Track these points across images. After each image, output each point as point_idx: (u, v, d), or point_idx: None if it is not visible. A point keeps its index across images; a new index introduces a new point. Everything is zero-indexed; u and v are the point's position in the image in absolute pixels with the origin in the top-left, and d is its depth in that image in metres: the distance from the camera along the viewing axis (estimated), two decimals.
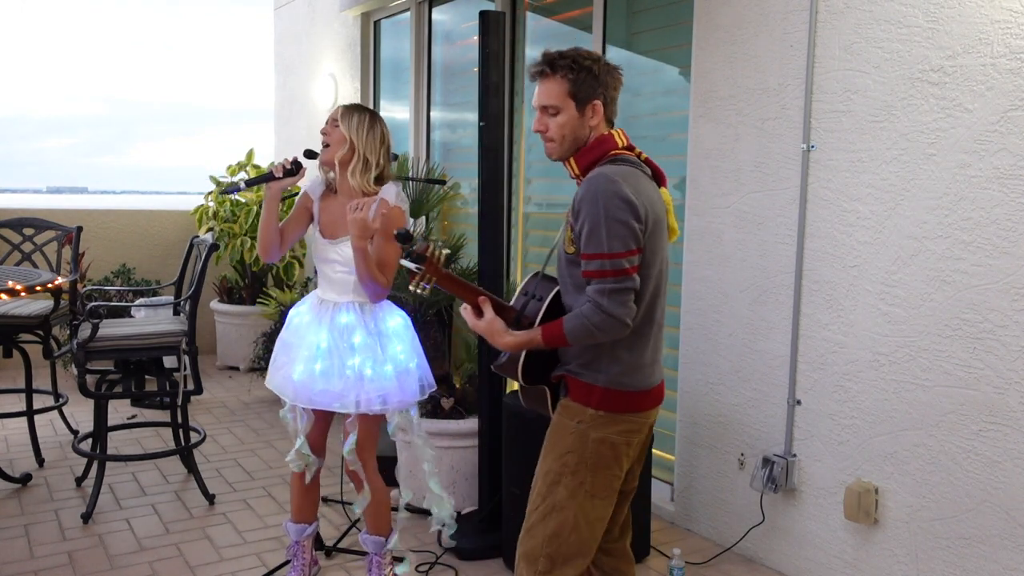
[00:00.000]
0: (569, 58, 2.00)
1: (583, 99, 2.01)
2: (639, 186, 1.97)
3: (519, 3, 4.47)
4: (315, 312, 2.76)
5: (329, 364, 2.66)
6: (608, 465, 2.04)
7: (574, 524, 2.03)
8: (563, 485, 2.02)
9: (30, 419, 4.18)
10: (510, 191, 4.42)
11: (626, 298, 1.91)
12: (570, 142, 2.05)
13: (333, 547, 3.23)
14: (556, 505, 2.03)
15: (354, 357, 2.66)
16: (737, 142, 3.23)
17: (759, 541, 3.23)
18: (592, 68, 2.01)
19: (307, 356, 2.68)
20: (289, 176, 2.73)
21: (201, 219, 6.16)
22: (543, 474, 2.07)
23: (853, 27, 2.81)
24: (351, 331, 2.70)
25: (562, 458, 2.03)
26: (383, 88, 5.83)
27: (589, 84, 2.01)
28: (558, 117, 2.03)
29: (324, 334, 2.69)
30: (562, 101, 2.01)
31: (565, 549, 2.03)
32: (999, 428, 2.49)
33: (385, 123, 2.78)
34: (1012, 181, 2.43)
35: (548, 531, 2.04)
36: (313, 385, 2.66)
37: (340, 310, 2.72)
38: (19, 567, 3.07)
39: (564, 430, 2.04)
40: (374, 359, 2.68)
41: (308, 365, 2.67)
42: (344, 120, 2.69)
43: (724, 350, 3.33)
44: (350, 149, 2.68)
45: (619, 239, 1.89)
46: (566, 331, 1.93)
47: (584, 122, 2.03)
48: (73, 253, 4.40)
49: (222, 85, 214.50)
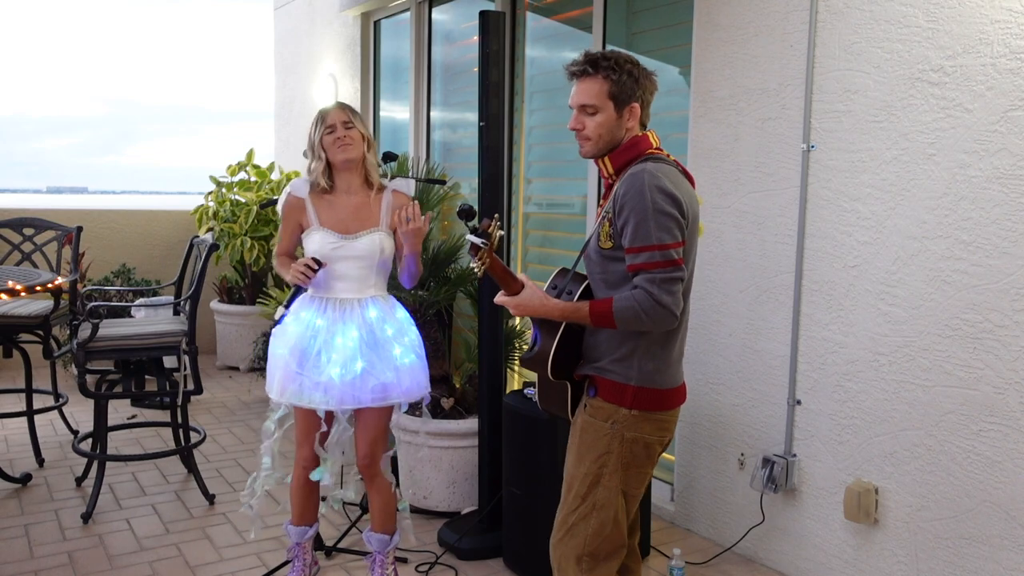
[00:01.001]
0: (612, 60, 2.03)
1: (622, 101, 2.04)
2: (679, 183, 2.01)
3: (519, 3, 4.47)
4: (335, 313, 2.69)
5: (373, 357, 2.65)
6: (642, 464, 2.09)
7: (614, 521, 2.08)
8: (602, 485, 2.06)
9: (30, 419, 4.18)
10: (510, 191, 4.41)
11: (675, 288, 1.93)
12: (605, 142, 2.07)
13: (333, 547, 3.23)
14: (597, 504, 2.07)
15: (395, 347, 2.71)
16: (737, 142, 3.23)
17: (759, 541, 3.23)
18: (632, 71, 2.04)
19: (339, 359, 2.63)
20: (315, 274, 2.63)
21: (201, 219, 6.16)
22: (580, 477, 2.09)
23: (853, 27, 2.81)
24: (382, 323, 2.72)
25: (600, 459, 2.06)
26: (383, 88, 5.83)
27: (629, 87, 2.03)
28: (596, 116, 2.04)
29: (353, 332, 2.66)
30: (601, 101, 2.03)
31: (607, 546, 2.09)
32: (999, 428, 2.49)
33: None
34: (1012, 181, 2.43)
35: (590, 530, 2.07)
36: (364, 383, 2.63)
37: (366, 305, 2.72)
38: (19, 567, 3.07)
39: (598, 432, 2.06)
40: (403, 348, 2.73)
41: (348, 367, 2.62)
42: (356, 119, 2.74)
43: (724, 350, 3.33)
44: (369, 146, 2.76)
45: (667, 231, 1.92)
46: (615, 310, 1.93)
47: (621, 124, 2.05)
48: (73, 253, 4.40)
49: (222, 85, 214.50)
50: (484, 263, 1.94)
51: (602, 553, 2.09)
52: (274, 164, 6.41)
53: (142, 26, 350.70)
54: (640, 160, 2.03)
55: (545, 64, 4.42)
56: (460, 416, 3.65)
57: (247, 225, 5.97)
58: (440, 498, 3.59)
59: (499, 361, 3.34)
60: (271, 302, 5.39)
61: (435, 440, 3.55)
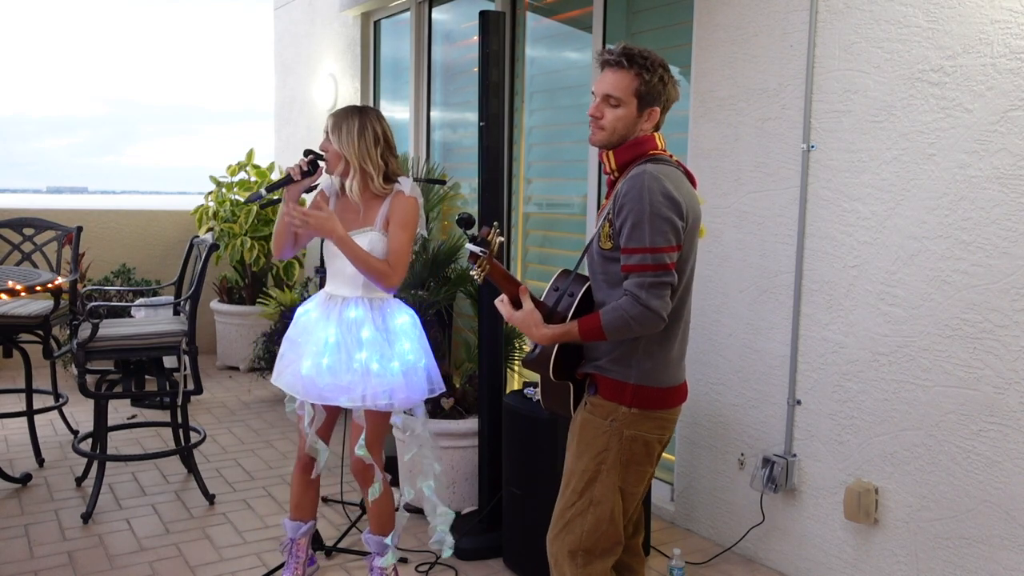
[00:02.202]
0: (648, 60, 2.03)
1: (647, 102, 2.04)
2: (680, 185, 2.01)
3: (519, 3, 4.47)
4: (323, 308, 2.75)
5: (337, 358, 2.64)
6: (640, 462, 2.10)
7: (610, 518, 2.09)
8: (600, 482, 2.08)
9: (30, 419, 4.18)
10: (510, 191, 4.41)
11: (664, 292, 1.94)
12: (619, 136, 2.06)
13: (333, 547, 3.23)
14: (594, 500, 2.08)
15: (361, 351, 2.65)
16: (737, 142, 3.23)
17: (759, 541, 3.23)
18: (663, 77, 2.05)
19: (315, 351, 2.67)
20: (307, 176, 2.68)
21: (201, 219, 6.16)
22: (579, 472, 2.10)
23: (853, 27, 2.81)
24: (359, 325, 2.69)
25: (598, 457, 2.07)
26: (383, 88, 5.83)
27: (657, 90, 2.04)
28: (618, 110, 2.04)
29: (332, 329, 2.68)
30: (627, 96, 2.03)
31: (603, 543, 2.10)
32: (999, 428, 2.49)
33: (379, 118, 2.71)
34: (1012, 181, 2.43)
35: (587, 526, 2.09)
36: (320, 379, 2.65)
37: (349, 305, 2.71)
38: (19, 567, 3.07)
39: (597, 429, 2.08)
40: (381, 354, 2.66)
41: (316, 360, 2.66)
42: (334, 135, 2.65)
43: (724, 350, 3.33)
44: (346, 164, 2.67)
45: (662, 234, 1.93)
46: (603, 324, 1.95)
47: (639, 123, 2.06)
48: (73, 253, 4.40)
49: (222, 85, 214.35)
50: (484, 270, 1.95)
51: (598, 549, 2.10)
52: (274, 164, 6.42)
53: (142, 26, 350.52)
54: (643, 161, 2.03)
55: (545, 64, 4.42)
56: (460, 416, 3.65)
57: (247, 225, 5.97)
58: (440, 498, 3.58)
59: (499, 361, 3.34)
60: (271, 302, 5.39)
61: (435, 440, 3.55)
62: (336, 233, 2.57)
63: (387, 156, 2.70)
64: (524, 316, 2.02)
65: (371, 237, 2.67)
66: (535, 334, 2.02)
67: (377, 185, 2.67)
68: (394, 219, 2.66)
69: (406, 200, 2.67)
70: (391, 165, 2.71)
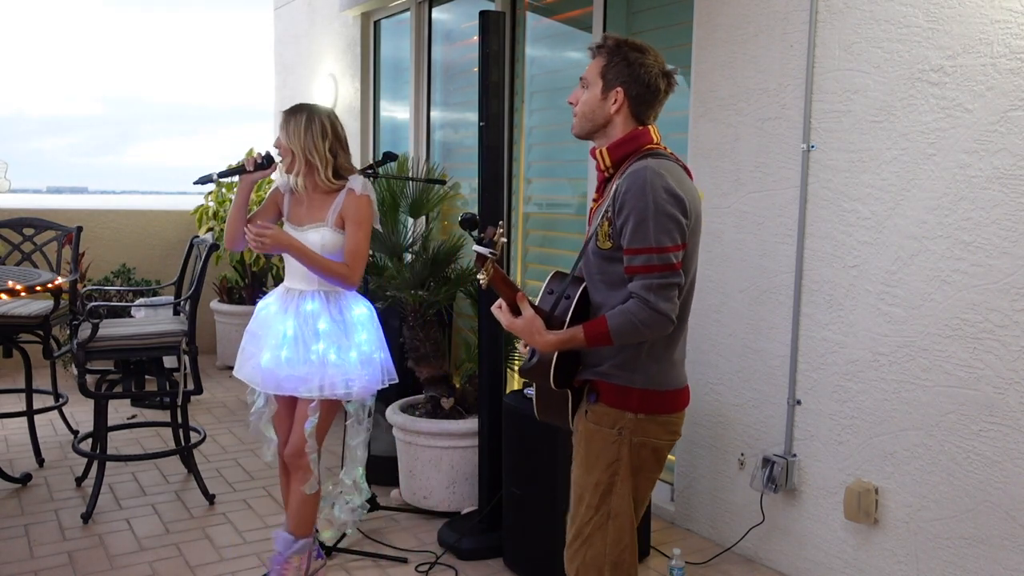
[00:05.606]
0: (615, 42, 2.00)
1: (609, 82, 1.99)
2: (682, 181, 1.94)
3: (519, 3, 4.47)
4: (282, 302, 2.82)
5: (295, 351, 2.70)
6: (651, 468, 2.04)
7: (630, 527, 2.03)
8: (615, 494, 2.00)
9: (30, 419, 4.18)
10: (510, 191, 4.41)
11: (672, 293, 1.87)
12: (588, 121, 2.02)
13: (333, 547, 3.23)
14: (612, 512, 2.01)
15: (319, 343, 2.72)
16: (737, 142, 3.23)
17: (759, 541, 3.23)
18: (629, 57, 1.97)
19: (274, 344, 2.73)
20: (260, 169, 2.77)
21: (201, 219, 6.16)
22: (591, 486, 2.02)
23: (853, 27, 2.81)
24: (316, 318, 2.75)
25: (610, 468, 2.00)
26: (383, 88, 5.83)
27: (619, 69, 1.98)
28: (586, 92, 2.03)
29: (291, 322, 2.74)
30: (593, 78, 2.01)
31: (628, 555, 2.04)
32: (999, 428, 2.49)
33: (329, 114, 2.78)
34: (1012, 181, 2.43)
35: (609, 539, 2.01)
36: (279, 371, 2.70)
37: (306, 298, 2.78)
38: (19, 567, 3.07)
39: (605, 440, 2.00)
40: (339, 345, 2.73)
41: (275, 352, 2.72)
42: (282, 130, 2.76)
43: (724, 350, 3.33)
44: (292, 156, 2.75)
45: (667, 233, 1.86)
46: (611, 329, 1.87)
47: (604, 105, 1.99)
48: (73, 253, 4.40)
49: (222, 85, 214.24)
50: (489, 274, 1.85)
51: (625, 563, 2.03)
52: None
53: (142, 26, 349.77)
54: (641, 156, 1.96)
55: (545, 64, 4.42)
56: (460, 416, 3.65)
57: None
58: (440, 498, 3.59)
59: (499, 361, 3.34)
60: None
61: (435, 440, 3.55)
62: (292, 245, 2.66)
63: (336, 150, 2.77)
64: (526, 323, 1.92)
65: (323, 233, 2.74)
66: (538, 341, 1.92)
67: (323, 178, 2.73)
68: (349, 219, 2.74)
69: (359, 199, 2.74)
70: (340, 159, 2.78)
